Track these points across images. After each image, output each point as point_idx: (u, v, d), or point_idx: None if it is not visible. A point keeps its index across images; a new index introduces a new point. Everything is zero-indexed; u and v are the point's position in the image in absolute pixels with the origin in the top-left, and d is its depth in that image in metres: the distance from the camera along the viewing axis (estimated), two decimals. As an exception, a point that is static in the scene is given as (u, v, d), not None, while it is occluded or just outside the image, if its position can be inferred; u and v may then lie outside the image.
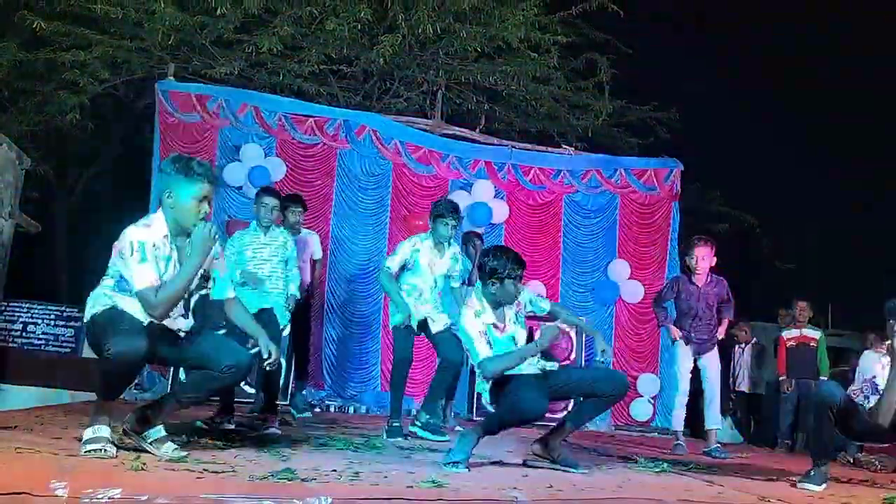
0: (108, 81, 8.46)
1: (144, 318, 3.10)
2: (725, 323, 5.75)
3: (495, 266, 3.73)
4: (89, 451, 2.92)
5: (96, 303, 3.14)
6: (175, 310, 3.18)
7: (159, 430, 3.17)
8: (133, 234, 3.10)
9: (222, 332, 4.78)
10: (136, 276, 3.05)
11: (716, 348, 5.72)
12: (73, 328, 7.59)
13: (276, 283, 5.05)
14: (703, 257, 5.61)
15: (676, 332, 5.71)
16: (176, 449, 3.10)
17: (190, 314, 3.32)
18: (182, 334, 3.25)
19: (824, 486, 3.80)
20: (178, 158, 3.25)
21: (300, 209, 6.03)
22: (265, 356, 3.27)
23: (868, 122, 13.18)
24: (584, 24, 9.64)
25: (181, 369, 6.20)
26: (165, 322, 3.15)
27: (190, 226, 3.17)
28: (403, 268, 4.93)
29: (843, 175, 13.26)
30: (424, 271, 4.94)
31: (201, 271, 3.22)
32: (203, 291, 3.72)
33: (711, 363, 5.68)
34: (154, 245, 3.12)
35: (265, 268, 5.03)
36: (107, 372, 3.01)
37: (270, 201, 5.10)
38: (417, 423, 4.91)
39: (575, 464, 3.69)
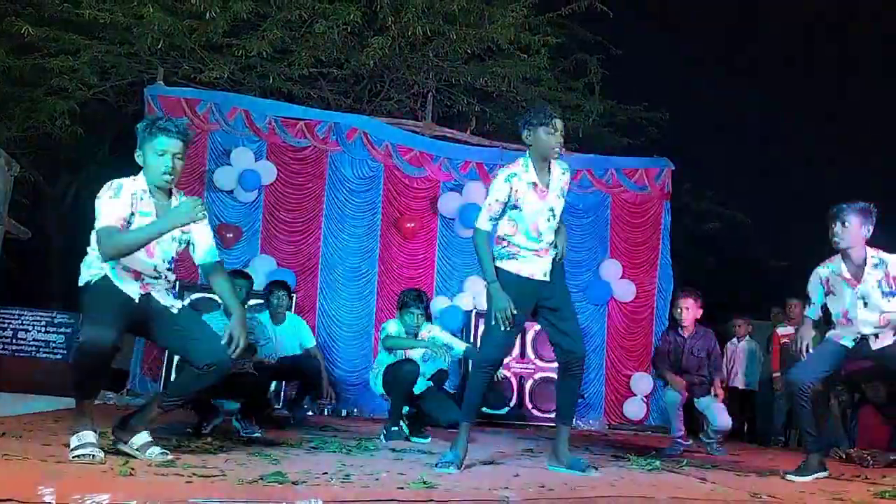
0: (98, 87, 8.44)
1: (136, 294, 3.11)
2: (718, 381, 5.58)
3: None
4: (78, 456, 2.90)
5: (90, 268, 3.12)
6: (164, 283, 3.22)
7: (144, 436, 3.17)
8: (115, 180, 3.15)
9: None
10: (103, 212, 3.05)
11: (717, 402, 5.59)
12: (63, 334, 7.56)
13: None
14: (688, 308, 5.51)
15: (679, 382, 5.45)
16: (162, 452, 3.09)
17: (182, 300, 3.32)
18: (175, 310, 3.24)
19: (809, 478, 3.81)
20: (146, 119, 3.24)
21: (284, 293, 5.85)
22: (225, 340, 3.17)
23: (861, 118, 13.25)
24: (574, 24, 9.66)
25: (172, 374, 6.22)
26: (157, 295, 3.18)
27: (162, 183, 3.18)
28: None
29: (834, 172, 13.33)
30: (401, 354, 5.10)
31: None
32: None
33: (712, 404, 5.51)
34: (134, 193, 3.14)
35: None
36: (77, 363, 3.01)
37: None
38: (402, 422, 5.03)
39: (582, 466, 3.59)
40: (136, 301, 3.12)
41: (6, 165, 5.87)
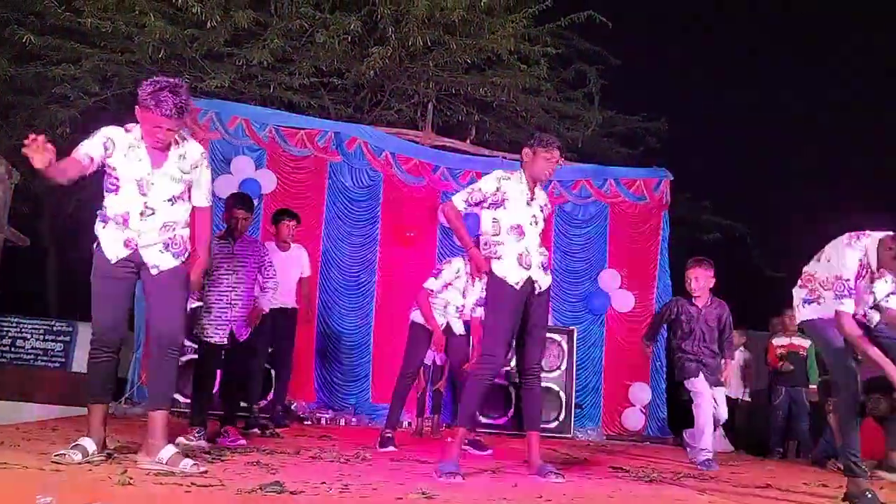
0: (99, 95, 8.45)
1: (115, 256, 3.23)
2: (728, 366, 5.63)
3: None
4: (56, 454, 3.05)
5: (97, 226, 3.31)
6: (156, 236, 3.26)
7: (169, 450, 3.14)
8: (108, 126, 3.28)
9: None
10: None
11: (723, 388, 5.66)
12: (62, 343, 7.56)
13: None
14: (697, 278, 5.56)
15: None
16: (194, 465, 3.07)
17: (173, 255, 3.31)
18: (154, 272, 3.27)
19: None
20: (151, 85, 3.13)
21: (293, 223, 6.06)
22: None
23: (858, 129, 13.26)
24: (573, 35, 9.70)
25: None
26: (142, 250, 3.24)
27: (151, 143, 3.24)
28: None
29: (832, 182, 13.34)
30: (456, 294, 5.27)
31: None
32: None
33: (718, 398, 5.56)
34: (121, 141, 3.24)
35: (231, 278, 4.83)
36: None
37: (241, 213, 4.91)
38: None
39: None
40: (114, 263, 3.20)
41: (7, 174, 5.87)
